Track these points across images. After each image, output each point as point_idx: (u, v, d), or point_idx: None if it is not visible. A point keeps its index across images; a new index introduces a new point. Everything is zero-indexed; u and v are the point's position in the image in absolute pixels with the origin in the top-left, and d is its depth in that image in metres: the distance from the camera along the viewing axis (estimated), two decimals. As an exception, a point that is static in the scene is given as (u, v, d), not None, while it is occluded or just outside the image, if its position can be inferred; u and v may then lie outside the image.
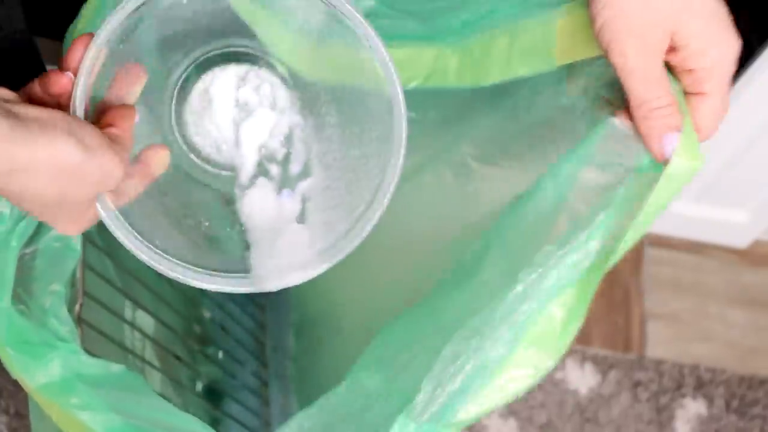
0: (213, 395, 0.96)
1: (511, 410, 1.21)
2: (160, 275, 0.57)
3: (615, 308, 1.29)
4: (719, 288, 1.34)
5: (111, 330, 0.73)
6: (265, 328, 1.06)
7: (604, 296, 1.29)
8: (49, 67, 0.66)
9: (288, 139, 0.62)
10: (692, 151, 0.53)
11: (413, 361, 0.62)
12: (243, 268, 0.60)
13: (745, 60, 1.00)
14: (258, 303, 1.07)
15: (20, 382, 0.58)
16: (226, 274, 0.58)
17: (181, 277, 0.57)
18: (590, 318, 1.26)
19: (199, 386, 0.95)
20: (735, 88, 1.04)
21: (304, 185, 0.62)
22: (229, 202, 0.63)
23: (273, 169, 0.62)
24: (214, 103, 0.62)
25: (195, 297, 0.95)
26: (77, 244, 0.61)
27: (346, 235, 0.58)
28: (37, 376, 0.56)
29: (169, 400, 0.61)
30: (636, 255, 1.33)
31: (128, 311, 0.81)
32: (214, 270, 0.58)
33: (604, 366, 1.25)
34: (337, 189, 0.60)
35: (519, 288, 0.55)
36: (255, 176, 0.62)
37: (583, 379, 1.24)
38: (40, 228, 0.59)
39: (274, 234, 0.61)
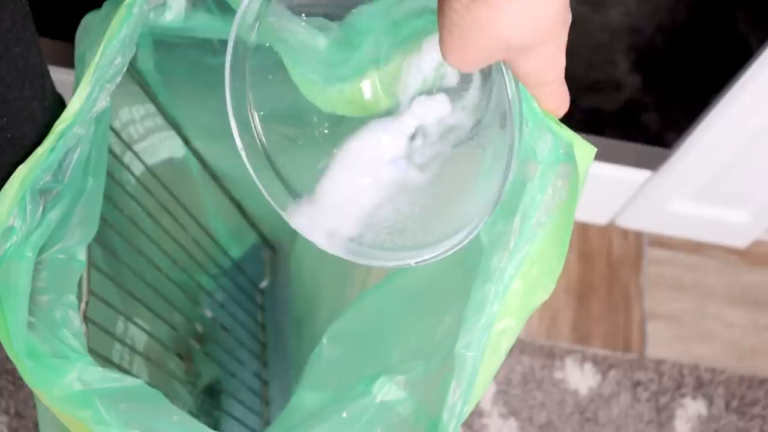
0: (213, 394, 0.96)
1: (511, 410, 1.21)
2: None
3: (615, 308, 1.29)
4: (719, 288, 1.34)
5: (111, 328, 0.73)
6: (265, 328, 1.06)
7: (604, 296, 1.29)
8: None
9: (444, 135, 0.58)
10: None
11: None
12: (297, 193, 0.57)
13: (745, 60, 1.00)
14: (258, 303, 1.07)
15: (36, 394, 0.57)
16: (275, 183, 0.56)
17: (240, 145, 0.54)
18: (590, 318, 1.27)
19: (200, 385, 0.95)
20: (735, 88, 1.04)
21: (412, 177, 0.58)
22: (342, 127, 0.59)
23: (417, 141, 0.58)
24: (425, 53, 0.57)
25: (196, 296, 0.96)
26: (82, 256, 0.61)
27: (377, 254, 0.56)
28: (53, 389, 0.56)
29: (169, 399, 0.61)
30: (636, 255, 1.34)
31: (128, 311, 0.81)
32: (279, 173, 0.55)
33: (604, 366, 1.25)
34: (416, 215, 0.57)
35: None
36: (400, 132, 0.58)
37: (583, 379, 1.24)
38: (47, 241, 0.59)
39: (345, 188, 0.57)
